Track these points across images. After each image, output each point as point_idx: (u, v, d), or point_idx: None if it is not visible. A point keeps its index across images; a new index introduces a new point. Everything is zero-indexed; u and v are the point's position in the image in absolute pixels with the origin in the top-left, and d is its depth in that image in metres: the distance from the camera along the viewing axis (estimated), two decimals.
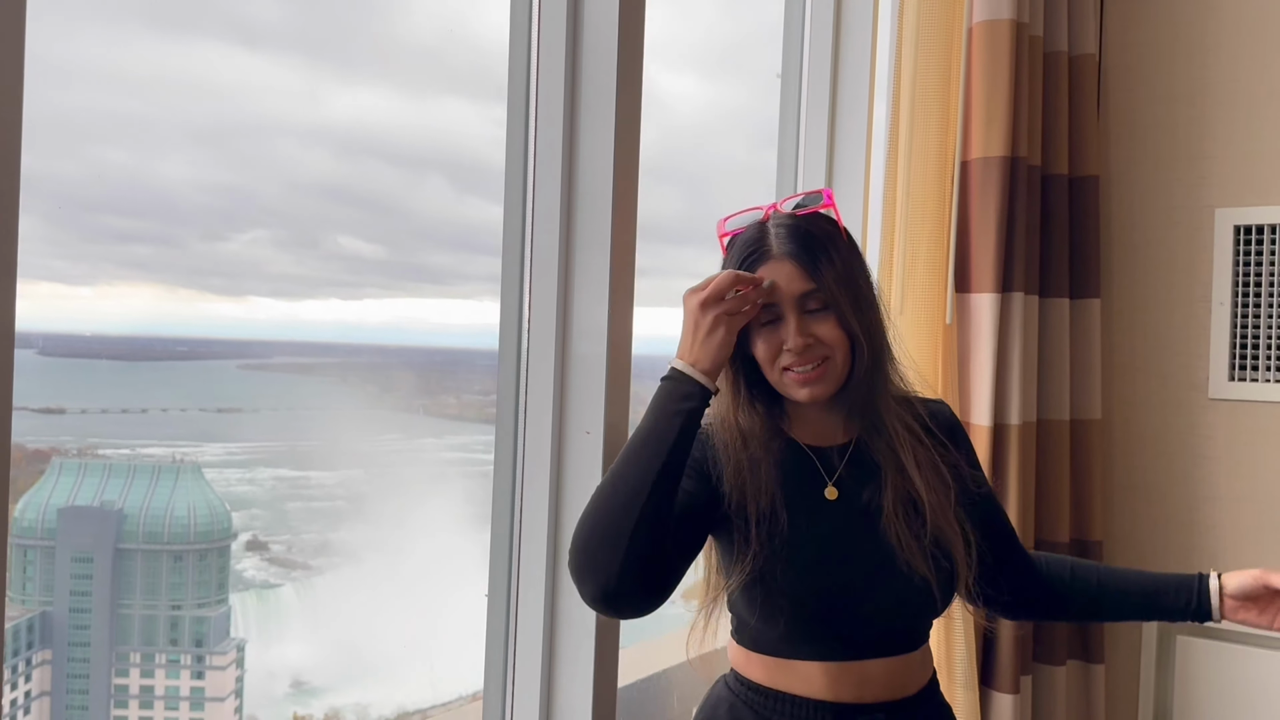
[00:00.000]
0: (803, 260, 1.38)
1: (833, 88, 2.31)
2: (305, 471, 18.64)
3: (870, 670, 1.41)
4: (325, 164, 20.86)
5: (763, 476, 1.41)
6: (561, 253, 1.65)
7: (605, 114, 1.63)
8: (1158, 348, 2.35)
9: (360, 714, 15.59)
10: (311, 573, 17.27)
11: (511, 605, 1.67)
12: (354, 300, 19.85)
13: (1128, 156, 2.40)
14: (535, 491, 1.66)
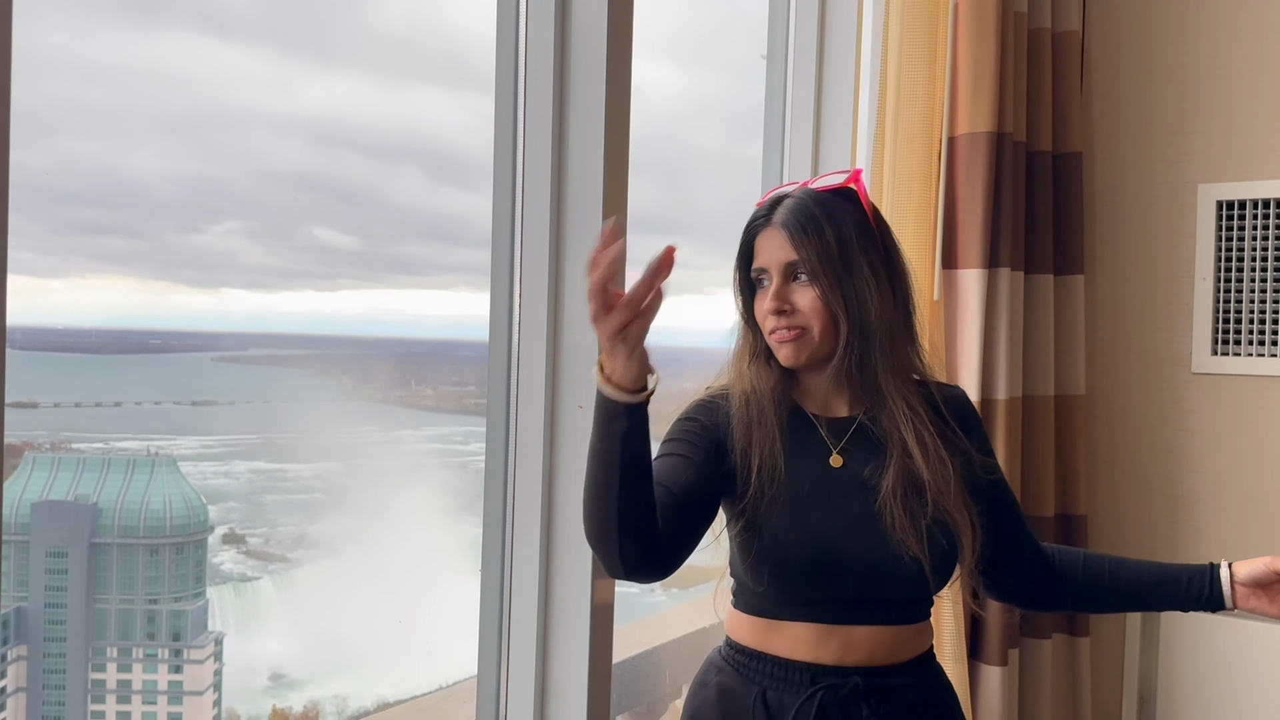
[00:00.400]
0: (792, 231, 1.44)
1: (818, 66, 2.31)
2: (282, 464, 18.49)
3: (856, 636, 1.44)
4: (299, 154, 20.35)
5: (768, 427, 1.45)
6: (552, 240, 1.65)
7: (595, 101, 1.62)
8: (1141, 323, 2.37)
9: (339, 706, 15.53)
10: (289, 565, 17.18)
11: (505, 586, 1.67)
12: (329, 292, 19.51)
13: (1110, 133, 2.41)
14: (528, 470, 1.65)
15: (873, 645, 1.44)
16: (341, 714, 14.47)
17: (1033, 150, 2.28)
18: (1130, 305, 2.38)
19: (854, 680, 1.42)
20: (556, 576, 1.64)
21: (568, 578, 1.64)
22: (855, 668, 1.43)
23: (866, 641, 1.44)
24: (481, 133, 1.76)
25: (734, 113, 2.61)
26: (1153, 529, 2.33)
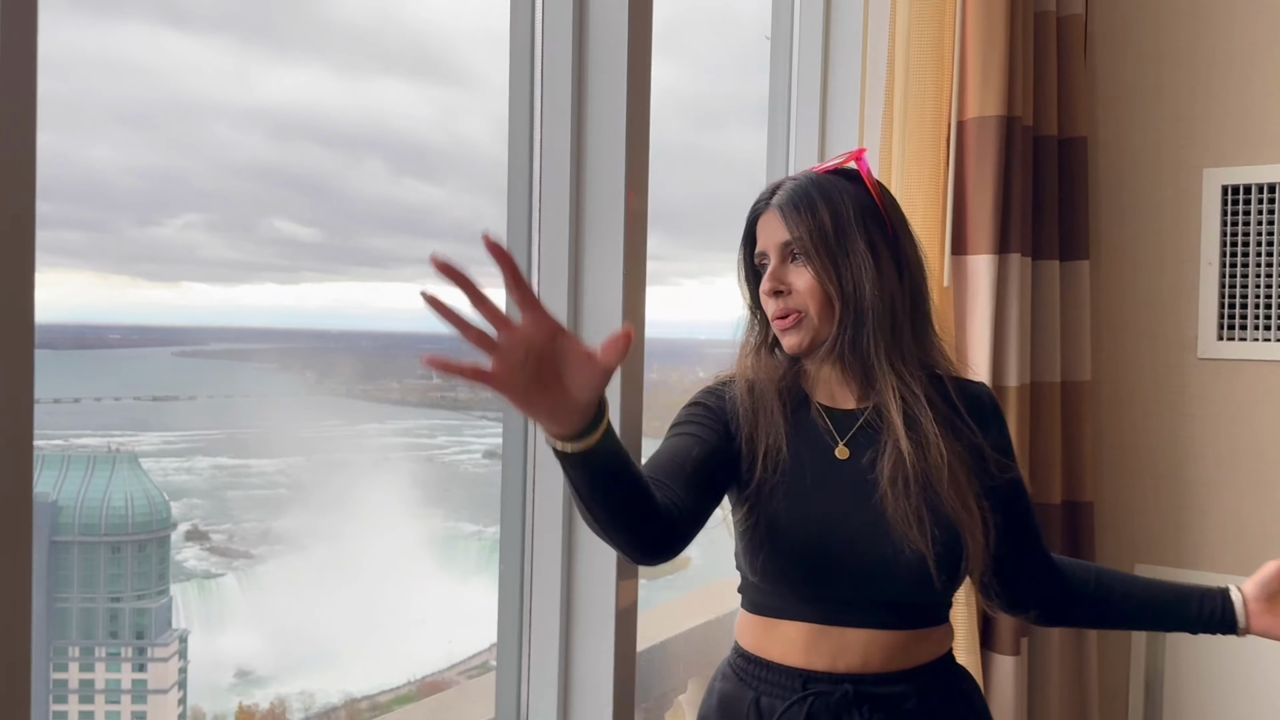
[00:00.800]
0: (786, 211, 1.41)
1: (824, 50, 2.27)
2: (245, 459, 18.27)
3: (849, 638, 1.38)
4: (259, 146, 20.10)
5: (771, 414, 1.41)
6: (571, 234, 1.59)
7: (616, 92, 1.57)
8: (1146, 308, 2.36)
9: (306, 702, 15.37)
10: (254, 561, 16.99)
11: (525, 583, 1.62)
12: (291, 285, 19.30)
13: (1115, 117, 2.40)
14: (549, 464, 1.60)
15: (867, 650, 1.38)
16: (308, 710, 14.36)
17: (1039, 135, 2.26)
18: (1136, 291, 2.37)
19: (844, 688, 1.37)
20: (579, 572, 1.60)
21: (591, 573, 1.60)
22: (847, 674, 1.38)
23: (860, 646, 1.38)
24: (444, 124, 1.68)
25: (696, 104, 2.54)
26: (1159, 514, 2.32)
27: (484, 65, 33.36)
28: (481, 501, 18.74)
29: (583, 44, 1.58)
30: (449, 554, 18.08)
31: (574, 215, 1.60)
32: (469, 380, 0.95)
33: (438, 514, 18.57)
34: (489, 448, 19.25)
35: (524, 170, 1.64)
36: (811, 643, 1.39)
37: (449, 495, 19.06)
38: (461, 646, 15.25)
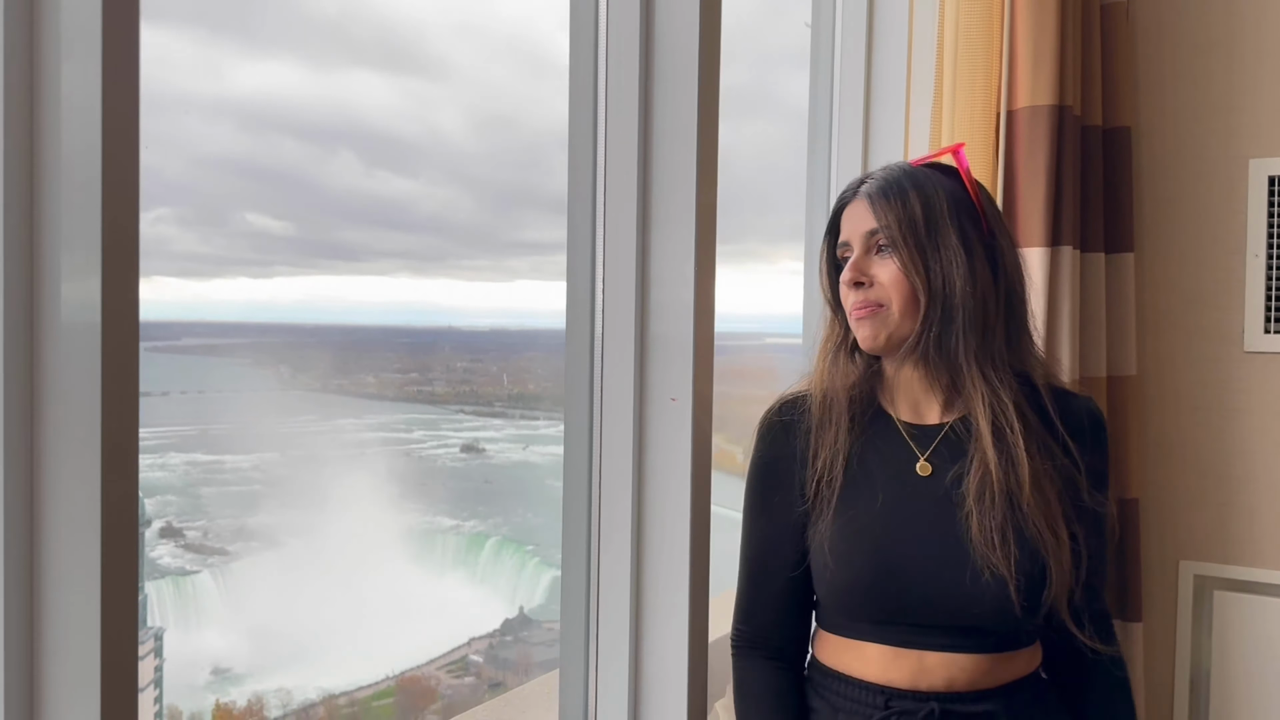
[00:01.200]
0: (875, 199, 1.33)
1: (868, 38, 2.22)
2: (219, 455, 18.14)
3: (928, 661, 1.30)
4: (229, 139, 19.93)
5: (839, 428, 1.34)
6: (639, 221, 1.53)
7: (686, 71, 1.51)
8: (1191, 301, 2.32)
9: (284, 699, 15.28)
10: (229, 558, 16.89)
11: (591, 580, 1.56)
12: (264, 279, 19.09)
13: (1158, 107, 2.36)
14: (616, 466, 1.54)
15: (949, 672, 1.31)
16: (286, 707, 14.22)
17: (1085, 124, 2.21)
18: (1180, 284, 2.33)
19: (930, 706, 1.29)
20: (648, 578, 1.54)
21: (660, 580, 1.54)
22: (932, 693, 1.30)
23: (942, 668, 1.31)
24: (416, 115, 1.62)
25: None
26: (1205, 511, 2.29)
27: (455, 57, 33.12)
28: (459, 496, 18.65)
29: (650, 29, 1.52)
30: (427, 549, 17.99)
31: (641, 209, 1.53)
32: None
33: (415, 509, 18.47)
34: (466, 441, 19.13)
35: (587, 160, 1.57)
36: (890, 663, 1.32)
37: (426, 490, 18.95)
38: (441, 641, 15.17)
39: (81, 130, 0.78)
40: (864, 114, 2.21)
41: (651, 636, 1.54)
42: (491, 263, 22.77)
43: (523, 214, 21.66)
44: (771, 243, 2.60)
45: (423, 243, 24.00)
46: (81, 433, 0.78)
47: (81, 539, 0.79)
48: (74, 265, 0.78)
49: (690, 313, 1.51)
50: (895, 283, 1.30)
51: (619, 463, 1.55)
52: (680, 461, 1.50)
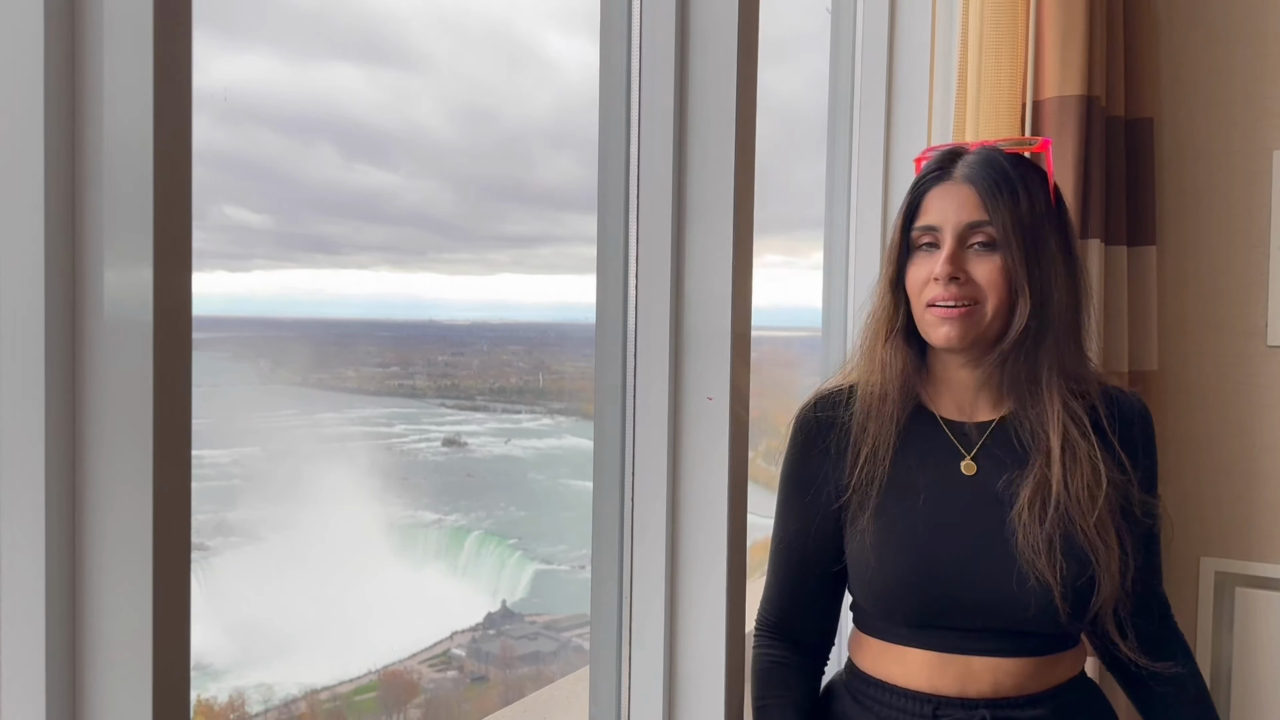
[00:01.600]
0: (981, 188, 1.25)
1: (890, 25, 2.17)
2: (198, 450, 17.67)
3: (975, 666, 1.29)
4: (206, 131, 19.72)
5: (885, 422, 1.31)
6: (674, 214, 1.48)
7: (725, 62, 1.46)
8: (1214, 296, 2.30)
9: (266, 695, 15.24)
10: (208, 553, 16.88)
11: (624, 581, 1.51)
12: (242, 272, 19.16)
13: (1181, 99, 2.33)
14: (650, 465, 1.50)
15: (996, 677, 1.29)
16: (268, 703, 14.12)
17: (1109, 115, 2.18)
18: (1202, 277, 2.31)
19: (980, 713, 1.28)
20: (683, 579, 1.50)
21: (696, 581, 1.49)
22: (981, 699, 1.28)
23: (988, 673, 1.29)
24: (396, 108, 1.56)
25: None
26: (1227, 507, 2.27)
27: (434, 49, 32.91)
28: (441, 490, 18.54)
29: (685, 15, 1.47)
30: (409, 543, 17.89)
31: (676, 199, 1.49)
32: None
33: (397, 503, 18.35)
34: (448, 435, 19.03)
35: (620, 150, 1.52)
36: (936, 669, 1.29)
37: (408, 484, 18.83)
38: (423, 635, 15.09)
39: (131, 117, 0.73)
40: (886, 102, 2.17)
41: (687, 637, 1.50)
42: (473, 256, 22.57)
43: (504, 207, 21.46)
44: (756, 237, 2.54)
45: (403, 236, 23.81)
46: (131, 429, 0.73)
47: (130, 545, 0.74)
48: (122, 255, 0.73)
49: (728, 307, 1.47)
50: (994, 283, 1.25)
51: (653, 462, 1.51)
52: (718, 462, 1.47)
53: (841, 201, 2.21)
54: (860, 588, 1.30)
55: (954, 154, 1.31)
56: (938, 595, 1.27)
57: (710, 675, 1.48)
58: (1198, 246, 2.31)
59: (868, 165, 2.18)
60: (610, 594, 1.52)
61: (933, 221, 1.27)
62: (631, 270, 1.50)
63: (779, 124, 2.26)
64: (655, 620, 1.48)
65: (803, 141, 2.27)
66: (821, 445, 1.35)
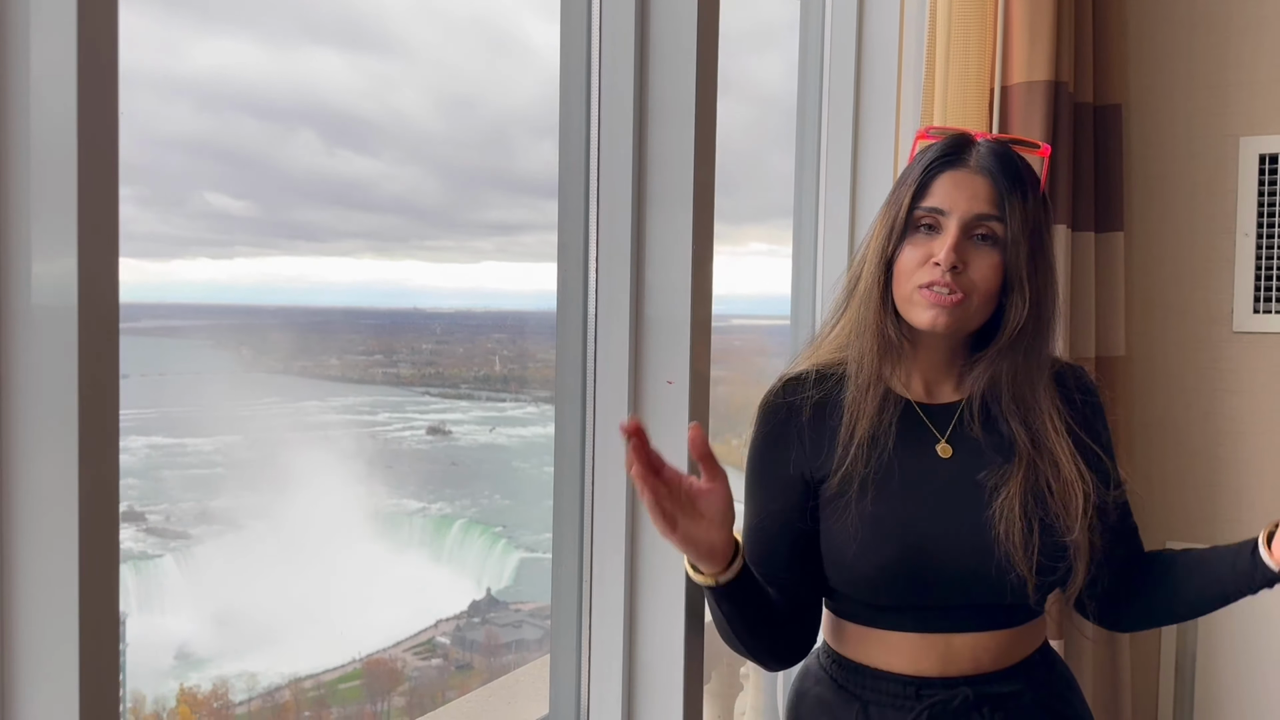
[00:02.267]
0: (998, 182, 1.22)
1: (859, 12, 2.17)
2: (180, 439, 17.93)
3: (956, 644, 1.28)
4: (186, 118, 19.61)
5: (868, 406, 1.28)
6: (634, 201, 1.47)
7: (684, 46, 1.45)
8: (1180, 281, 2.31)
9: (250, 682, 15.17)
10: (192, 542, 16.73)
11: (584, 566, 1.51)
12: (225, 260, 18.89)
13: (1148, 84, 2.33)
14: (609, 450, 1.49)
15: (976, 653, 1.28)
16: (252, 690, 14.11)
17: (1078, 101, 2.18)
18: (1169, 263, 2.32)
19: (963, 691, 1.27)
20: (643, 564, 1.49)
21: (656, 566, 1.49)
22: (961, 677, 1.27)
23: (969, 649, 1.28)
24: (376, 95, 1.55)
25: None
26: (1193, 492, 2.28)
27: (416, 36, 32.77)
28: (425, 478, 18.54)
29: (646, 13, 1.46)
30: (393, 531, 17.89)
31: (636, 188, 1.48)
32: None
33: (381, 491, 18.35)
34: (432, 424, 19.02)
35: (580, 139, 1.51)
36: (919, 651, 1.28)
37: (392, 472, 18.82)
38: (408, 623, 15.11)
39: (55, 97, 0.72)
40: (854, 88, 2.16)
41: (646, 623, 1.50)
42: (456, 244, 22.58)
43: (487, 195, 21.44)
44: (736, 224, 2.52)
45: (386, 223, 23.75)
46: (57, 419, 0.72)
47: (57, 532, 0.73)
48: (48, 243, 0.72)
49: (687, 295, 1.46)
50: (988, 278, 1.23)
51: (613, 447, 1.50)
52: (678, 445, 1.45)
53: (810, 188, 2.21)
54: (840, 574, 1.28)
55: (967, 141, 1.27)
56: (922, 579, 1.26)
57: (669, 659, 1.48)
58: (1165, 232, 2.32)
59: (836, 151, 2.17)
60: (570, 579, 1.52)
61: (940, 205, 1.24)
62: (592, 256, 1.49)
63: (763, 112, 2.26)
64: (615, 604, 1.48)
65: (788, 129, 2.26)
66: (792, 430, 1.32)
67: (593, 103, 1.50)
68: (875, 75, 2.18)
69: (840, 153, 2.19)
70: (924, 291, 1.23)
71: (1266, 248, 2.25)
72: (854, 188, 2.20)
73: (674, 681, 1.48)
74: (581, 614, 1.53)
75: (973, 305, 1.23)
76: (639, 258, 1.49)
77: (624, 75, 1.48)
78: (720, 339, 2.46)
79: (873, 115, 2.16)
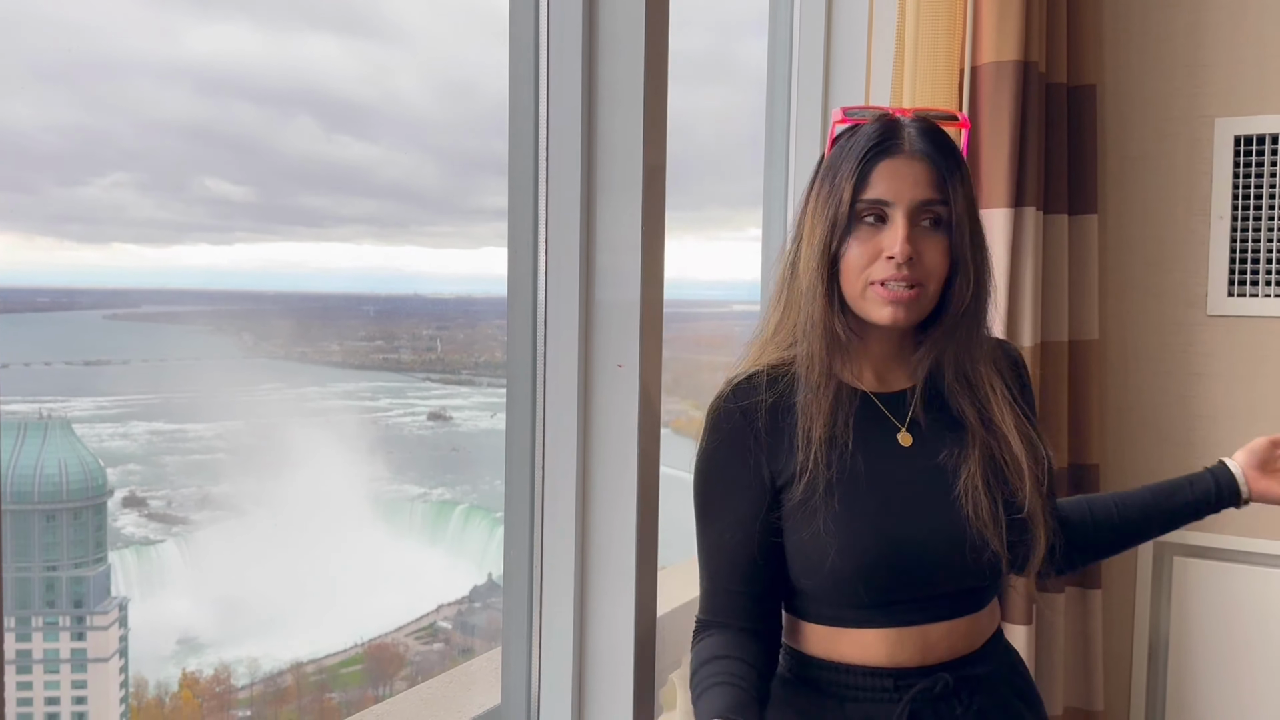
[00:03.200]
0: (938, 166, 1.21)
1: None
2: (182, 424, 17.90)
3: (932, 635, 1.27)
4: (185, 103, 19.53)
5: (824, 407, 1.26)
6: (584, 187, 1.45)
7: (632, 27, 1.43)
8: (1154, 264, 2.28)
9: (252, 668, 15.24)
10: (194, 527, 16.75)
11: (535, 553, 1.50)
12: (225, 245, 18.84)
13: (1122, 65, 2.30)
14: (560, 432, 1.48)
15: (952, 639, 1.28)
16: (254, 675, 14.16)
17: (1050, 82, 2.16)
18: (1143, 246, 2.29)
19: (942, 678, 1.26)
20: (593, 550, 1.49)
21: (606, 552, 1.48)
22: (939, 664, 1.27)
23: (944, 637, 1.28)
24: (374, 81, 1.53)
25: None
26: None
27: (412, 22, 32.61)
28: (427, 464, 18.55)
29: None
30: (394, 517, 17.93)
31: (586, 173, 1.46)
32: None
33: (382, 477, 18.36)
34: (433, 409, 19.02)
35: (529, 123, 1.50)
36: (895, 644, 1.27)
37: (393, 458, 18.83)
38: (409, 608, 15.15)
39: None
40: (824, 70, 2.14)
41: (597, 610, 1.49)
42: (456, 229, 22.50)
43: (487, 180, 21.27)
44: (734, 209, 2.50)
45: (386, 209, 23.65)
46: None
47: None
48: None
49: (637, 280, 1.44)
50: (940, 264, 1.22)
51: (563, 431, 1.49)
52: (627, 429, 1.45)
53: (779, 174, 2.19)
54: (811, 576, 1.25)
55: (894, 123, 1.24)
56: (904, 572, 1.24)
57: (621, 646, 1.47)
58: (1139, 215, 2.29)
59: (805, 132, 2.15)
60: (521, 568, 1.50)
61: (884, 196, 1.20)
62: (541, 244, 1.47)
63: (750, 95, 2.23)
64: (565, 589, 1.47)
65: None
66: (749, 434, 1.27)
67: (541, 91, 1.48)
68: (845, 54, 2.16)
69: (809, 132, 2.17)
70: (877, 288, 1.21)
71: (1241, 230, 2.22)
72: None
73: (624, 671, 1.47)
74: (532, 603, 1.52)
75: (929, 294, 1.22)
76: (589, 243, 1.48)
77: (571, 61, 1.47)
78: (719, 325, 2.46)
79: (842, 94, 2.15)
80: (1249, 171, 2.21)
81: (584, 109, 1.46)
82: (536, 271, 1.49)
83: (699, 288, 2.11)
